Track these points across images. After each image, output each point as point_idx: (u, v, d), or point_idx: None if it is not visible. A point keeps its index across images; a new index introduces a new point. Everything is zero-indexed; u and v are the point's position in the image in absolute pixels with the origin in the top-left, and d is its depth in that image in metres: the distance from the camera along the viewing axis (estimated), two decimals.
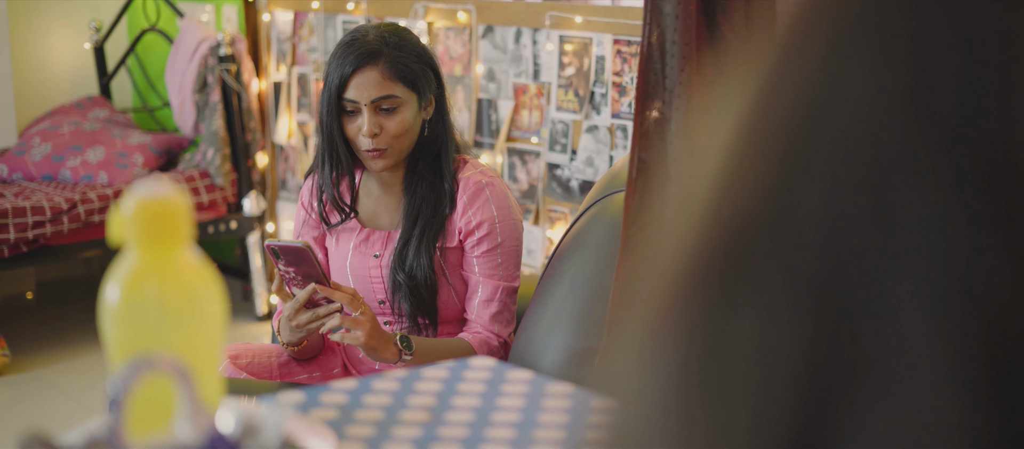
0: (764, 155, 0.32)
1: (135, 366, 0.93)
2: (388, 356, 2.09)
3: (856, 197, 0.30)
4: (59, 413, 3.64)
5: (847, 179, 0.30)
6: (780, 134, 0.32)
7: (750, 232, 0.31)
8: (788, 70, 0.33)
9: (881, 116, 0.30)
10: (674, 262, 0.33)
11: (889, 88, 0.30)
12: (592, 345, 2.10)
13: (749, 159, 0.32)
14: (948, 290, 0.28)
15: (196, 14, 4.68)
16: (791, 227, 0.30)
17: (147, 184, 1.03)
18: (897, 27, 0.31)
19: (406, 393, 1.44)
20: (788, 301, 0.30)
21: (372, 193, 2.30)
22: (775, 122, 0.32)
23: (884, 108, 0.30)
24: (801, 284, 0.30)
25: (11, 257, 3.88)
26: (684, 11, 1.83)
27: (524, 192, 3.56)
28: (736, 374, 0.30)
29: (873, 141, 0.30)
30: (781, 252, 0.30)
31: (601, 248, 2.17)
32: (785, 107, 0.32)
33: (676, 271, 0.33)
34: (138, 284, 1.02)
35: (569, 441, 1.31)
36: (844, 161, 0.30)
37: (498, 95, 3.63)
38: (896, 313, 0.28)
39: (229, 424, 1.00)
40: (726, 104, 0.34)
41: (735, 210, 0.32)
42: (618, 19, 3.28)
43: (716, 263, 0.32)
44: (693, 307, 0.32)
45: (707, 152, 0.34)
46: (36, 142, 4.40)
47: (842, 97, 0.31)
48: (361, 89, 2.15)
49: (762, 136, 0.32)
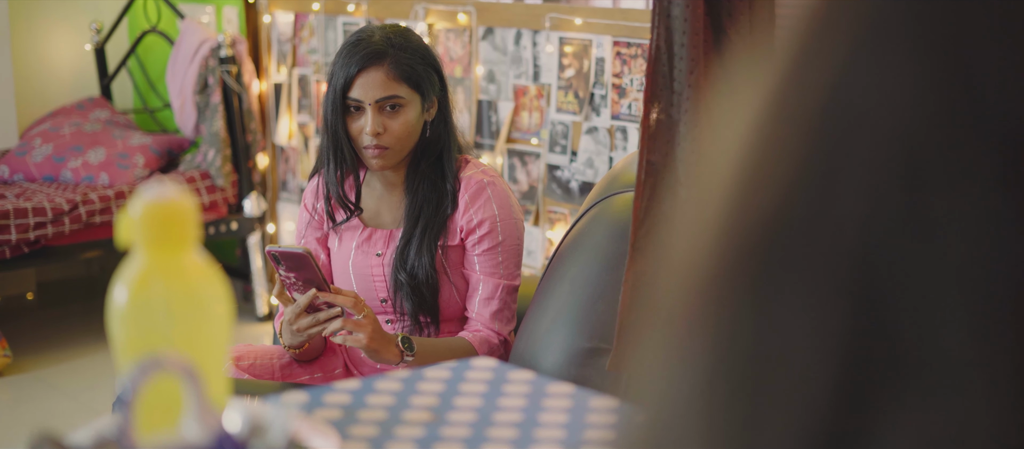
0: (790, 154, 0.31)
1: (144, 366, 0.95)
2: (390, 357, 2.10)
3: (894, 199, 0.28)
4: (60, 413, 3.65)
5: (885, 180, 0.29)
6: (808, 132, 0.30)
7: (781, 233, 0.30)
8: (811, 66, 0.31)
9: (922, 116, 0.29)
10: (692, 264, 0.32)
11: (930, 85, 0.29)
12: (592, 345, 2.11)
13: (772, 159, 0.31)
14: (987, 293, 0.27)
15: (197, 15, 4.69)
16: (826, 229, 0.29)
17: (154, 187, 1.04)
18: (938, 19, 0.29)
19: (409, 393, 1.45)
20: (823, 304, 0.29)
21: (375, 192, 2.31)
22: (801, 120, 0.31)
23: (925, 107, 0.29)
24: (837, 287, 0.29)
25: (12, 258, 3.89)
26: (693, 15, 1.84)
27: (524, 193, 3.58)
28: (769, 376, 0.30)
29: (910, 137, 0.29)
30: (816, 254, 0.29)
31: (601, 249, 2.18)
32: (812, 104, 0.31)
33: (696, 273, 0.32)
34: (145, 286, 1.04)
35: (569, 442, 1.32)
36: (880, 159, 0.29)
37: (498, 96, 3.64)
38: (933, 314, 0.28)
39: (236, 424, 1.01)
40: (738, 105, 0.33)
41: (761, 211, 0.31)
42: (618, 21, 3.29)
43: (743, 265, 0.31)
44: (721, 309, 0.31)
45: (721, 153, 0.33)
46: (37, 143, 4.41)
47: (880, 93, 0.29)
48: (366, 89, 2.17)
49: (786, 135, 0.31)
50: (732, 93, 0.34)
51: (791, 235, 0.30)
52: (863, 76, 0.30)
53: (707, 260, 0.32)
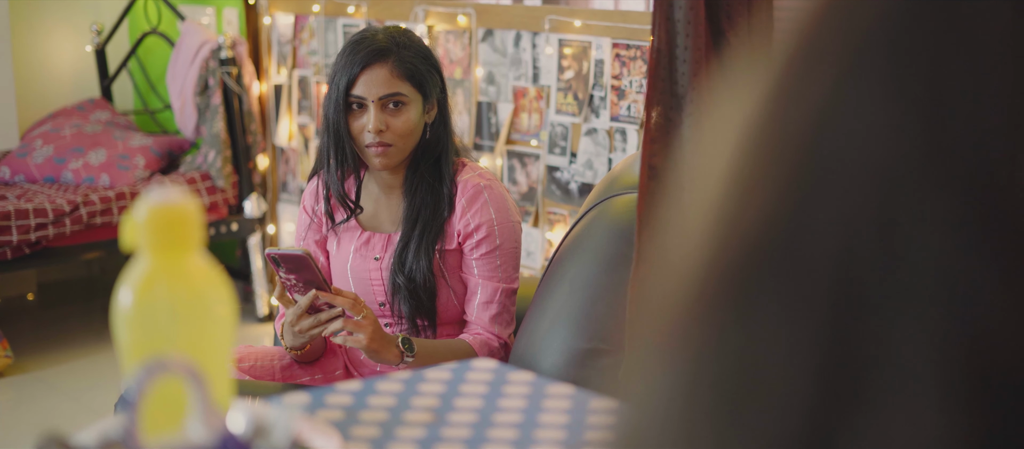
0: (777, 170, 0.32)
1: (149, 368, 0.96)
2: (390, 358, 2.12)
3: (866, 220, 0.30)
4: (61, 413, 3.66)
5: (859, 205, 0.30)
6: (793, 151, 0.32)
7: (763, 248, 0.32)
8: (801, 84, 0.33)
9: (892, 142, 0.30)
10: (688, 271, 0.34)
11: (904, 116, 0.30)
12: (592, 346, 2.12)
13: (761, 171, 0.33)
14: (953, 317, 0.29)
15: (197, 17, 4.70)
16: (803, 247, 0.31)
17: (159, 190, 1.06)
18: (913, 53, 0.31)
19: (409, 394, 1.46)
20: (799, 319, 0.31)
21: (373, 195, 2.32)
22: (788, 138, 0.32)
23: (895, 134, 0.30)
24: (813, 305, 0.31)
25: (13, 258, 3.91)
26: (694, 17, 1.86)
27: (524, 194, 3.59)
28: (746, 385, 0.31)
29: (884, 166, 0.30)
30: (795, 273, 0.31)
31: (601, 250, 2.19)
32: (799, 123, 0.32)
33: (688, 281, 0.33)
34: (150, 288, 1.05)
35: (569, 442, 1.33)
36: (857, 186, 0.30)
37: (498, 98, 3.65)
38: (902, 334, 0.29)
39: (240, 424, 1.02)
40: (731, 115, 0.34)
41: (750, 225, 0.32)
42: (617, 23, 3.31)
43: (730, 277, 0.32)
44: (707, 318, 0.33)
45: (715, 162, 0.34)
46: (38, 144, 4.42)
47: (857, 121, 0.31)
48: (369, 86, 2.18)
49: (775, 150, 0.32)
50: (726, 102, 0.35)
51: (774, 253, 0.32)
52: (843, 112, 0.31)
53: (698, 270, 0.33)
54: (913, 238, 0.30)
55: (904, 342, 0.29)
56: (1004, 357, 0.29)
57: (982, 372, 0.29)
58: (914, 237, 0.30)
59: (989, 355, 0.29)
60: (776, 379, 0.31)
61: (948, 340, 0.29)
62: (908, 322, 0.29)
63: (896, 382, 0.29)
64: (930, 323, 0.29)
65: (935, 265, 0.29)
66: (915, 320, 0.29)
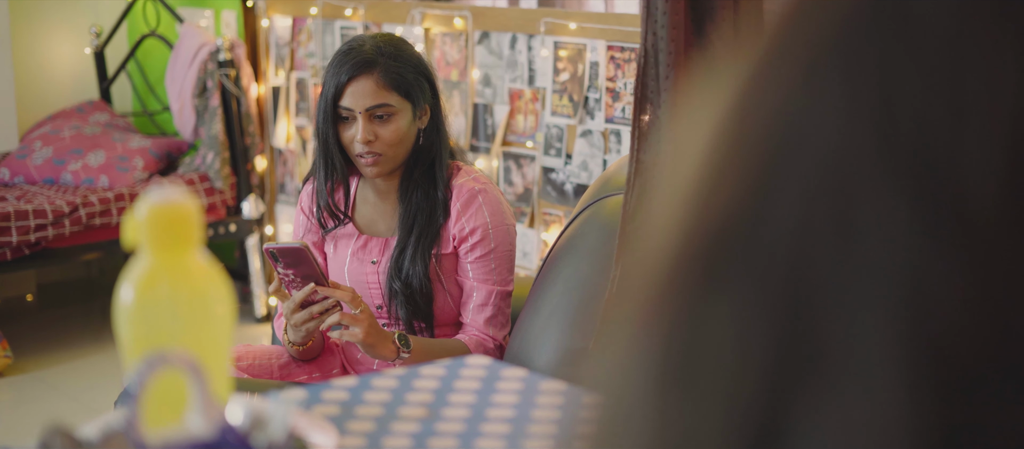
0: (742, 164, 0.34)
1: (150, 362, 0.99)
2: (386, 353, 2.14)
3: (823, 213, 0.32)
4: (61, 413, 3.69)
5: (816, 196, 0.33)
6: (758, 147, 0.34)
7: (727, 238, 0.34)
8: (767, 83, 0.35)
9: (849, 140, 0.33)
10: (661, 255, 0.36)
11: (857, 114, 0.33)
12: (585, 344, 2.15)
13: (729, 165, 0.35)
14: (901, 299, 0.31)
15: (195, 19, 4.72)
16: (764, 236, 0.33)
17: (159, 189, 1.09)
18: (866, 55, 0.33)
19: (405, 390, 1.49)
20: (759, 303, 0.33)
21: (368, 200, 2.34)
22: (754, 134, 0.35)
23: (852, 132, 0.33)
24: (771, 288, 0.33)
25: (13, 259, 3.93)
26: (672, 16, 1.88)
27: (519, 195, 3.62)
28: (710, 369, 0.33)
29: (841, 163, 0.32)
30: (754, 259, 0.33)
31: (594, 250, 2.22)
32: (764, 120, 0.34)
33: (658, 270, 0.36)
34: (151, 286, 1.08)
35: (560, 436, 1.36)
36: (814, 179, 0.33)
37: (494, 100, 3.68)
38: (853, 317, 0.31)
39: (238, 418, 1.05)
40: (707, 109, 0.37)
41: (716, 214, 0.34)
42: (611, 25, 3.33)
43: (696, 265, 0.34)
44: (674, 305, 0.35)
45: (689, 155, 0.36)
46: (37, 146, 4.44)
47: (815, 118, 0.33)
48: (356, 97, 2.20)
49: (741, 145, 0.35)
50: (702, 98, 0.37)
51: (735, 241, 0.34)
52: (802, 110, 0.34)
53: (670, 254, 0.35)
54: (868, 221, 0.32)
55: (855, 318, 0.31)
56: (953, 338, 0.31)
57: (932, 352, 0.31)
58: (869, 220, 0.32)
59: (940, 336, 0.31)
60: (729, 364, 0.33)
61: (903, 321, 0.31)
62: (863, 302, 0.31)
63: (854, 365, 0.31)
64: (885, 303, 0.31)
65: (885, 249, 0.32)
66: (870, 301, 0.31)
